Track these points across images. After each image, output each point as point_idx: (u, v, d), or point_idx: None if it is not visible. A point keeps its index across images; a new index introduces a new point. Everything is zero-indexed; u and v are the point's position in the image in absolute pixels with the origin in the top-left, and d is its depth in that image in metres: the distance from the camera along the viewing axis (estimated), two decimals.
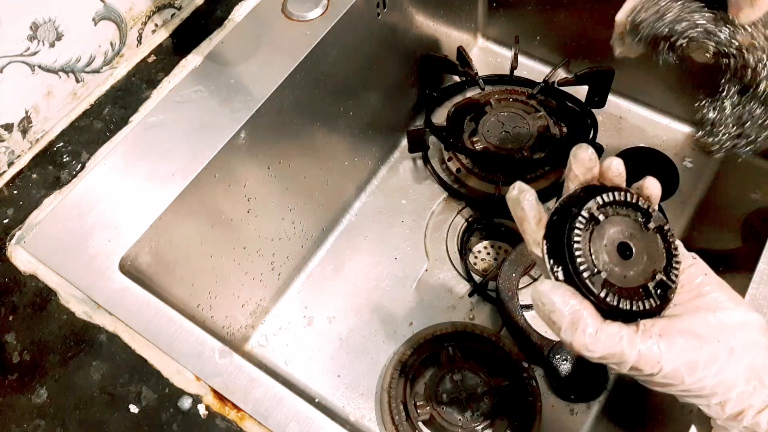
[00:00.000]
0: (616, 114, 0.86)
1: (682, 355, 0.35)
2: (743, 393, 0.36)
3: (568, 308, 0.35)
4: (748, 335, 0.37)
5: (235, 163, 0.58)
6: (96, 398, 0.46)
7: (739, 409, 0.36)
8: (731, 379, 0.35)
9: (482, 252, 0.79)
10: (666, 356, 0.35)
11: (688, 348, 0.35)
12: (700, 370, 0.35)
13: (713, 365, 0.35)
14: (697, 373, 0.35)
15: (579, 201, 0.38)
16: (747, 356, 0.36)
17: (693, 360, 0.35)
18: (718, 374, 0.35)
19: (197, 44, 0.64)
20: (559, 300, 0.35)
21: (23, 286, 0.51)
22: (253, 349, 0.72)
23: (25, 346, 0.48)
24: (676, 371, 0.35)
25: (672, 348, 0.35)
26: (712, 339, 0.36)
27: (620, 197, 0.38)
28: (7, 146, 0.56)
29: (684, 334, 0.36)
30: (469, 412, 0.62)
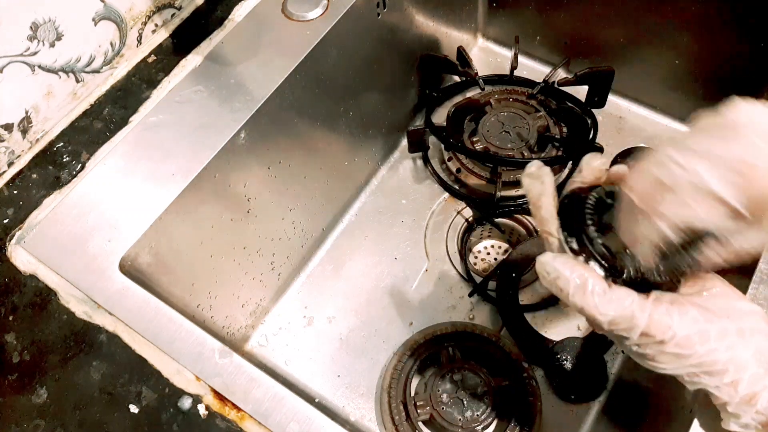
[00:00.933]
0: (616, 114, 0.86)
1: (695, 324, 0.35)
2: (755, 374, 0.35)
3: (575, 273, 0.35)
4: (755, 322, 0.37)
5: (235, 163, 0.58)
6: (96, 398, 0.46)
7: (751, 391, 0.35)
8: (743, 358, 0.35)
9: (482, 252, 0.79)
10: (678, 322, 0.35)
11: (700, 318, 0.35)
12: (712, 341, 0.35)
13: (724, 339, 0.35)
14: (710, 344, 0.35)
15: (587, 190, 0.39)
16: (755, 340, 0.36)
17: (705, 330, 0.35)
18: (729, 350, 0.35)
19: (197, 44, 0.64)
20: (562, 266, 0.36)
21: (23, 286, 0.51)
22: (253, 349, 0.72)
23: (25, 346, 0.48)
24: (689, 339, 0.35)
25: (684, 316, 0.35)
26: (722, 315, 0.36)
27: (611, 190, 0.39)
28: (7, 146, 0.56)
29: (696, 306, 0.36)
30: (469, 412, 0.62)
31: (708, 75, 0.77)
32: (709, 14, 0.71)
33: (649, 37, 0.78)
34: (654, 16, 0.75)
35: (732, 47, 0.72)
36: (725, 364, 0.35)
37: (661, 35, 0.76)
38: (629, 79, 0.83)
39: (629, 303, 0.35)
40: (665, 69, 0.79)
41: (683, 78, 0.79)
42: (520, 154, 0.76)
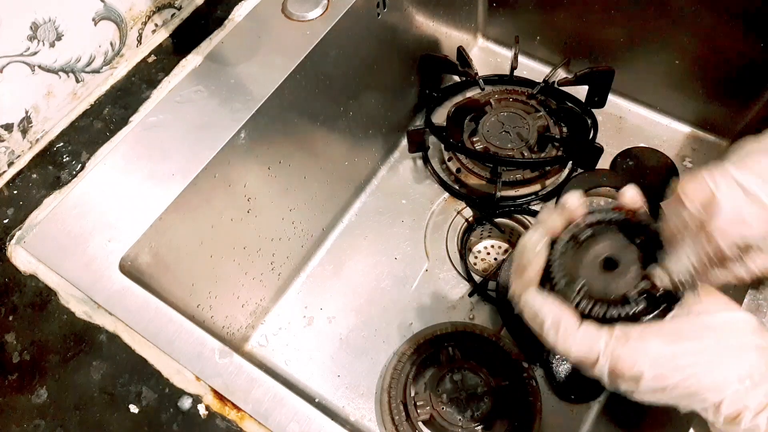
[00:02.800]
0: (616, 114, 0.86)
1: (661, 353, 0.35)
2: (737, 392, 0.35)
3: (550, 312, 0.38)
4: (735, 336, 0.37)
5: (235, 163, 0.58)
6: (96, 398, 0.46)
7: (735, 410, 0.35)
8: (722, 377, 0.35)
9: (482, 252, 0.79)
10: (644, 357, 0.35)
11: (667, 347, 0.36)
12: (687, 368, 0.35)
13: (701, 363, 0.35)
14: (684, 371, 0.35)
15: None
16: (735, 356, 0.36)
17: (677, 357, 0.35)
18: (707, 372, 0.35)
19: (197, 44, 0.64)
20: (540, 305, 0.38)
21: (23, 286, 0.51)
22: (253, 349, 0.72)
23: (25, 346, 0.48)
24: (659, 371, 0.35)
25: (648, 348, 0.35)
26: (693, 338, 0.36)
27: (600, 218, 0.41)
28: (7, 146, 0.56)
29: (662, 335, 0.36)
30: (469, 412, 0.62)
31: (708, 75, 0.77)
32: (709, 14, 0.71)
33: (649, 37, 0.78)
34: (654, 16, 0.75)
35: (732, 47, 0.72)
36: (704, 388, 0.35)
37: (661, 35, 0.76)
38: (629, 79, 0.83)
39: (596, 340, 0.36)
40: (665, 69, 0.79)
41: (683, 78, 0.79)
42: (520, 154, 0.76)
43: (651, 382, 0.36)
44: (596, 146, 0.76)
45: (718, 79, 0.76)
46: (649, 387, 0.36)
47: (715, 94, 0.78)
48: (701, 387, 0.35)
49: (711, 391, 0.35)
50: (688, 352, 0.36)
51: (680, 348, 0.36)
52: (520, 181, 0.77)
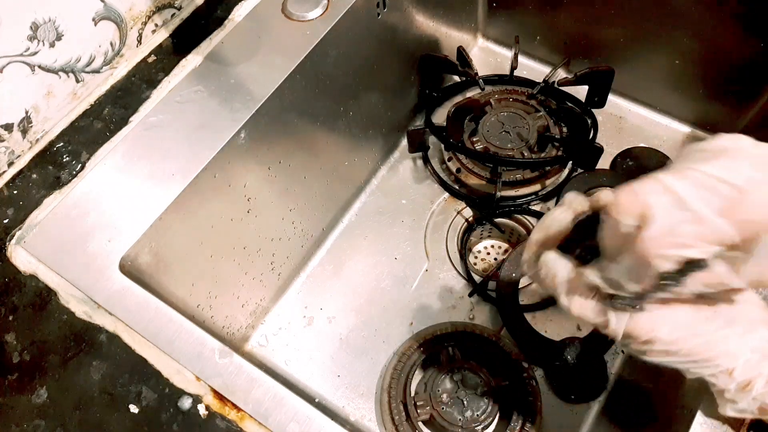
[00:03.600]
0: (616, 114, 0.86)
1: (681, 322, 0.36)
2: (749, 361, 0.36)
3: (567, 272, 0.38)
4: (747, 310, 0.37)
5: (235, 164, 0.58)
6: (96, 398, 0.46)
7: (746, 378, 0.36)
8: (735, 346, 0.36)
9: (482, 252, 0.79)
10: (661, 323, 0.36)
11: (689, 315, 0.36)
12: (701, 335, 0.36)
13: (715, 331, 0.36)
14: (698, 339, 0.36)
15: None
16: (750, 329, 0.37)
17: (692, 326, 0.36)
18: (721, 341, 0.36)
19: (197, 44, 0.64)
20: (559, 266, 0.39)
21: (23, 286, 0.51)
22: (253, 349, 0.72)
23: (25, 346, 0.48)
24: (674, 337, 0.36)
25: (668, 315, 0.36)
26: (713, 307, 0.37)
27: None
28: (7, 146, 0.56)
29: (684, 303, 0.37)
30: (469, 412, 0.62)
31: (708, 75, 0.77)
32: (709, 14, 0.71)
33: (649, 37, 0.78)
34: (654, 16, 0.75)
35: (732, 47, 0.72)
36: (718, 354, 0.36)
37: (661, 35, 0.76)
38: (629, 79, 0.83)
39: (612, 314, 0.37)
40: (665, 69, 0.79)
41: (683, 78, 0.79)
42: (520, 154, 0.76)
43: (666, 346, 0.36)
44: (596, 146, 0.76)
45: (718, 79, 0.76)
46: (663, 350, 0.37)
47: (715, 94, 0.78)
48: (716, 353, 0.36)
49: (725, 358, 0.36)
50: (706, 320, 0.36)
51: (699, 315, 0.36)
52: (520, 181, 0.77)
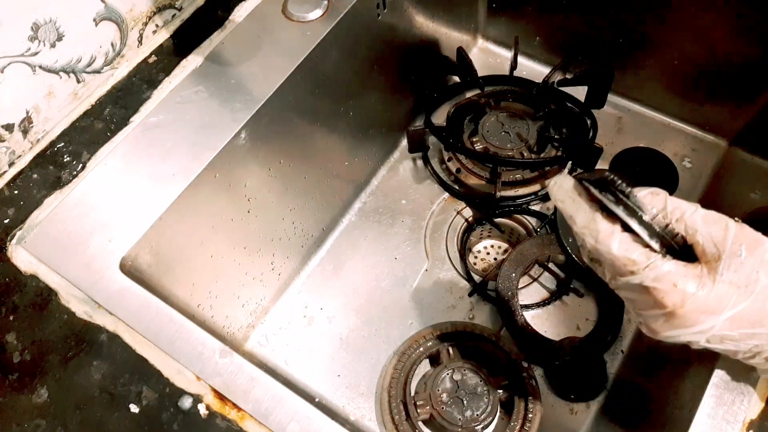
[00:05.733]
0: (616, 114, 0.86)
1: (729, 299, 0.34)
2: None
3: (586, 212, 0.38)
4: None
5: (236, 164, 0.58)
6: (96, 398, 0.46)
7: None
8: None
9: (482, 252, 0.79)
10: (722, 302, 0.34)
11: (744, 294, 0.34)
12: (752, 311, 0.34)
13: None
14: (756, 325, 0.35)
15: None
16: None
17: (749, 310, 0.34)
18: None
19: (198, 45, 0.64)
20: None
21: (24, 286, 0.51)
22: (253, 349, 0.72)
23: (26, 346, 0.48)
24: (751, 314, 0.34)
25: (726, 294, 0.34)
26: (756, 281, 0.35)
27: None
28: (8, 146, 0.57)
29: (728, 284, 0.35)
30: (469, 412, 0.62)
31: (707, 75, 0.77)
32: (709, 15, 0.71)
33: (649, 38, 0.78)
34: (654, 16, 0.75)
35: (732, 47, 0.72)
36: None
37: (661, 35, 0.76)
38: (629, 79, 0.83)
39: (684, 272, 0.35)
40: (665, 69, 0.79)
41: (683, 78, 0.79)
42: (519, 154, 0.76)
43: (724, 325, 0.35)
44: (596, 146, 0.76)
45: (718, 79, 0.76)
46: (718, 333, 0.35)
47: (715, 94, 0.78)
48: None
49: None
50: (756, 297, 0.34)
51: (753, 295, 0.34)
52: (520, 181, 0.77)
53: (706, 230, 0.35)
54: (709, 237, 0.35)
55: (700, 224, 0.35)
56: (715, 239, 0.35)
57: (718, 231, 0.35)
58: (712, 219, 0.36)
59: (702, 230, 0.35)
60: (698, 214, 0.36)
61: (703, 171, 0.80)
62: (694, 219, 0.36)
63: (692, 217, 0.36)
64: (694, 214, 0.36)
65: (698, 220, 0.35)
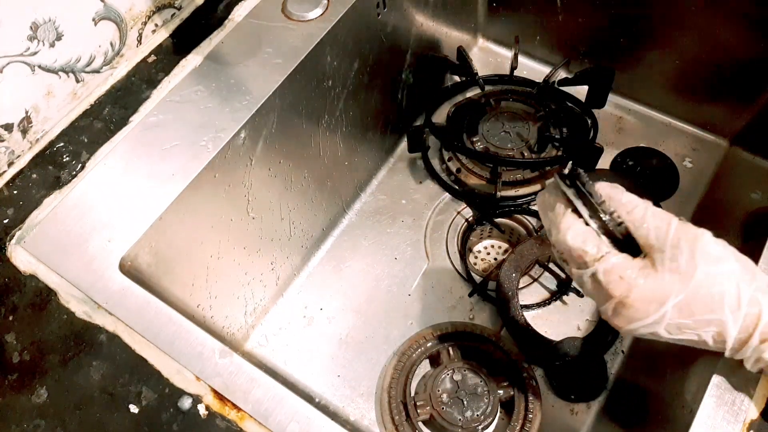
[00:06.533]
0: (616, 114, 0.86)
1: (679, 292, 0.36)
2: (739, 315, 0.36)
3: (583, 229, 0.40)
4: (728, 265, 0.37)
5: (235, 164, 0.58)
6: (96, 398, 0.46)
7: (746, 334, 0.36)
8: (722, 299, 0.36)
9: (482, 252, 0.79)
10: (672, 288, 0.36)
11: (681, 282, 0.37)
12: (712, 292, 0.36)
13: (709, 304, 0.36)
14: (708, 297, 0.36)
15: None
16: (731, 283, 0.36)
17: (692, 294, 0.36)
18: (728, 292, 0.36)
19: (197, 44, 0.64)
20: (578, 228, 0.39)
21: (23, 286, 0.51)
22: (253, 349, 0.72)
23: (25, 346, 0.48)
24: (688, 303, 0.36)
25: (678, 282, 0.36)
26: (694, 270, 0.37)
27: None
28: (7, 146, 0.56)
29: (670, 271, 0.37)
30: (469, 412, 0.62)
31: (708, 75, 0.77)
32: (709, 14, 0.71)
33: (649, 37, 0.78)
34: (654, 16, 0.75)
35: (732, 47, 0.72)
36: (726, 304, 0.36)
37: (660, 35, 0.76)
38: (629, 79, 0.83)
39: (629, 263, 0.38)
40: (665, 69, 0.79)
41: (683, 78, 0.79)
42: (520, 154, 0.76)
43: (675, 317, 0.37)
44: (596, 146, 0.76)
45: (718, 79, 0.76)
46: (671, 321, 0.37)
47: (715, 94, 0.78)
48: (724, 304, 0.36)
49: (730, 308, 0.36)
50: (695, 289, 0.36)
51: (693, 286, 0.36)
52: (520, 181, 0.77)
53: (652, 224, 0.38)
54: (654, 231, 0.37)
55: (649, 219, 0.38)
56: (659, 233, 0.37)
57: (662, 225, 0.37)
58: (658, 215, 0.38)
59: (649, 224, 0.38)
60: (648, 210, 0.38)
61: (704, 171, 0.80)
62: (644, 214, 0.38)
63: (642, 212, 0.38)
64: (645, 210, 0.38)
65: (647, 216, 0.38)
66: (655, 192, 0.77)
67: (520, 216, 0.77)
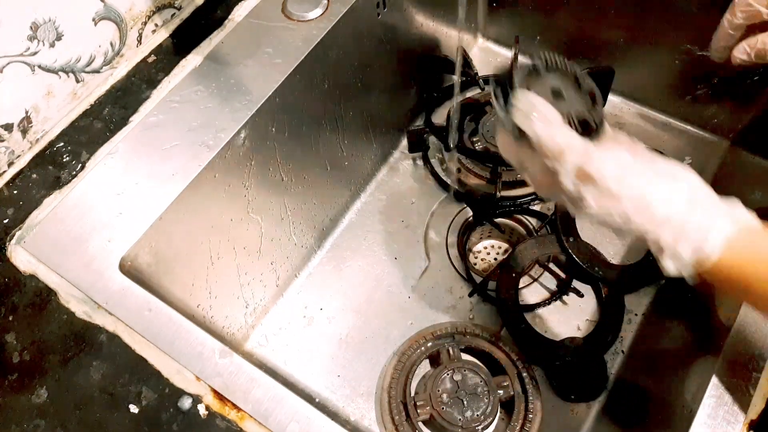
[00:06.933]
0: (616, 114, 0.86)
1: (626, 165, 0.39)
2: (684, 214, 0.37)
3: (543, 108, 0.42)
4: (682, 169, 0.40)
5: (235, 164, 0.58)
6: (96, 398, 0.46)
7: (681, 230, 0.37)
8: (671, 198, 0.38)
9: (482, 252, 0.79)
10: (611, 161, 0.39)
11: (631, 161, 0.39)
12: (643, 180, 0.38)
13: (653, 181, 0.38)
14: (639, 181, 0.38)
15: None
16: (683, 183, 0.39)
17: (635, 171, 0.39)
18: (657, 191, 0.38)
19: (197, 44, 0.64)
20: (538, 102, 0.43)
21: (23, 286, 0.51)
22: (253, 349, 0.72)
23: (25, 346, 0.48)
24: (619, 177, 0.38)
25: (617, 158, 0.39)
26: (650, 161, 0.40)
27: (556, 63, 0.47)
28: (7, 146, 0.56)
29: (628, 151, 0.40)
30: (469, 412, 0.62)
31: (709, 75, 0.77)
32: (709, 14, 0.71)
33: (649, 37, 0.78)
34: (654, 16, 0.75)
35: None
36: (655, 202, 0.38)
37: (661, 35, 0.76)
38: (629, 79, 0.83)
39: (575, 138, 0.40)
40: (665, 69, 0.79)
41: (683, 78, 0.79)
42: None
43: (610, 187, 0.38)
44: None
45: (719, 79, 0.76)
46: (606, 191, 0.38)
47: (716, 94, 0.78)
48: (653, 204, 0.38)
49: (660, 210, 0.38)
50: (647, 170, 0.39)
51: (641, 164, 0.39)
52: (520, 181, 0.76)
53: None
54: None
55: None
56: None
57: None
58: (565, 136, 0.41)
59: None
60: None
61: (704, 171, 0.80)
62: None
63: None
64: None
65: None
66: None
67: (520, 216, 0.77)
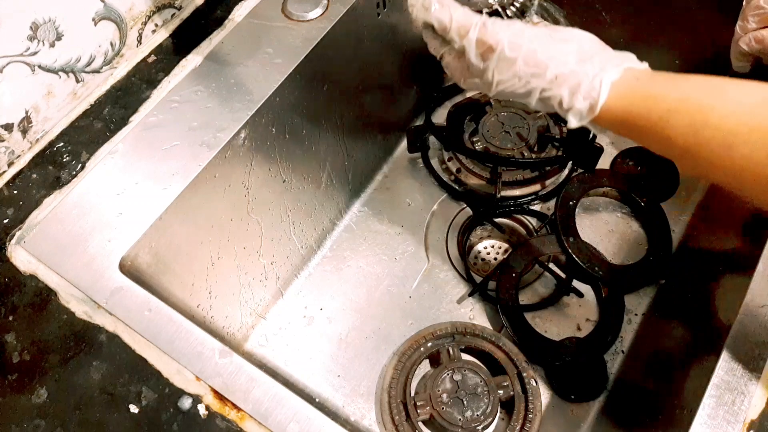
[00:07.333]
0: None
1: (521, 33, 0.43)
2: (577, 66, 0.41)
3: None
4: (578, 32, 0.44)
5: (235, 164, 0.58)
6: (96, 398, 0.46)
7: (576, 82, 0.41)
8: (563, 55, 0.42)
9: (482, 252, 0.79)
10: (506, 31, 0.43)
11: (525, 29, 0.43)
12: (536, 42, 0.42)
13: (547, 43, 0.42)
14: (533, 44, 0.42)
15: None
16: (576, 43, 0.43)
17: (528, 36, 0.42)
18: (551, 49, 0.42)
19: (197, 44, 0.64)
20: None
21: (23, 286, 0.51)
22: (253, 349, 0.72)
23: (25, 346, 0.48)
24: (514, 43, 0.42)
25: (512, 27, 0.43)
26: (546, 29, 0.44)
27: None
28: (7, 146, 0.56)
29: (523, 23, 0.44)
30: (469, 412, 0.62)
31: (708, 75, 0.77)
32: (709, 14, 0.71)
33: (649, 37, 0.78)
34: (654, 16, 0.75)
35: None
36: (547, 61, 0.41)
37: (661, 35, 0.76)
38: None
39: (472, 17, 0.44)
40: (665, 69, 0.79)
41: None
42: (520, 154, 0.76)
43: (507, 51, 0.42)
44: (596, 146, 0.76)
45: None
46: (503, 56, 0.42)
47: None
48: (546, 61, 0.41)
49: (552, 66, 0.41)
50: (540, 34, 0.43)
51: (535, 32, 0.43)
52: (520, 181, 0.77)
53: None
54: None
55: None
56: None
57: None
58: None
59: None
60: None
61: None
62: None
63: None
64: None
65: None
66: (656, 192, 0.77)
67: (520, 216, 0.77)
